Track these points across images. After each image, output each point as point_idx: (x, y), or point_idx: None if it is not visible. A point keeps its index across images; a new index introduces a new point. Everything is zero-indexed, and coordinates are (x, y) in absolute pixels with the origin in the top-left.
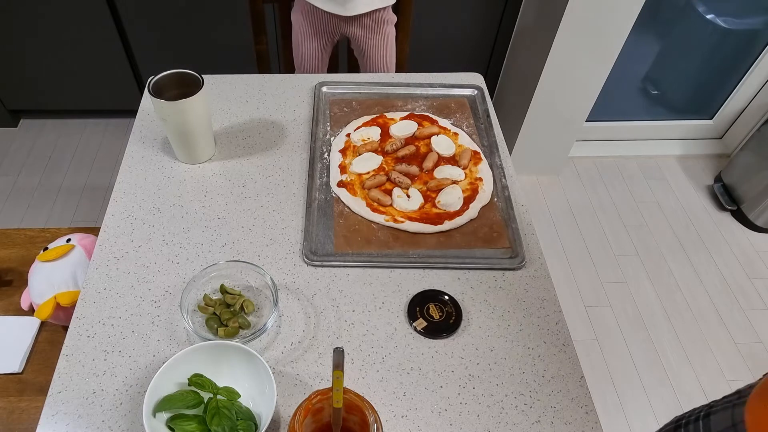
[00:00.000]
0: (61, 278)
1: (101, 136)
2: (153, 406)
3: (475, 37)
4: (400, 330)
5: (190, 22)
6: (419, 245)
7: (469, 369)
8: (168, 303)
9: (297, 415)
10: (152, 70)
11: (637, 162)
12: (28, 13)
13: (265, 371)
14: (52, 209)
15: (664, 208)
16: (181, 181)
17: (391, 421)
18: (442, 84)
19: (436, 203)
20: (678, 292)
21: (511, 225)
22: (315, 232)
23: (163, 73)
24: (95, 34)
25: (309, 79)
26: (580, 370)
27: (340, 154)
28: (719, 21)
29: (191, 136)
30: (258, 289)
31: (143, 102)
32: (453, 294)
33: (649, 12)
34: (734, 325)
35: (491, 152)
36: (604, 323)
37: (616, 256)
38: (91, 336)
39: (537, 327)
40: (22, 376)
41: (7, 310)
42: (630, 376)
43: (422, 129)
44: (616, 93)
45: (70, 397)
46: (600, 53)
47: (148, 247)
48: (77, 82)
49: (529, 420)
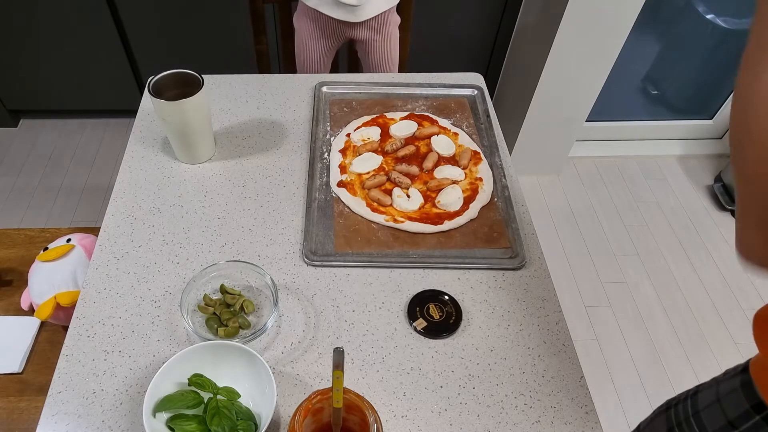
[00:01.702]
0: (61, 278)
1: (101, 136)
2: (153, 406)
3: (475, 37)
4: (400, 330)
5: (190, 22)
6: (419, 245)
7: (469, 369)
8: (168, 303)
9: (297, 415)
10: (152, 70)
11: (637, 162)
12: (28, 13)
13: (265, 371)
14: (52, 209)
15: (664, 208)
16: (181, 181)
17: (391, 421)
18: (442, 84)
19: (436, 203)
20: (678, 292)
21: (511, 225)
22: (315, 232)
23: (163, 73)
24: (95, 34)
25: (309, 79)
26: (580, 370)
27: (340, 154)
28: (719, 21)
29: (191, 136)
30: (258, 289)
31: (143, 102)
32: (453, 294)
33: (649, 12)
34: (734, 324)
35: (491, 152)
36: (604, 323)
37: (616, 256)
38: (91, 336)
39: (537, 327)
40: (22, 376)
41: (7, 310)
42: (630, 376)
43: (422, 129)
44: (616, 93)
45: (70, 397)
46: (600, 53)
47: (148, 247)
48: (77, 82)
49: (529, 420)
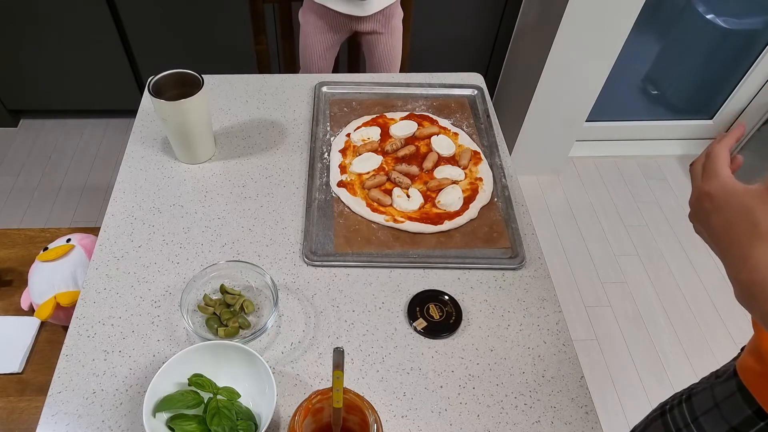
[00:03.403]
0: (61, 278)
1: (101, 136)
2: (153, 406)
3: (475, 37)
4: (400, 330)
5: (190, 22)
6: (419, 245)
7: (469, 369)
8: (168, 303)
9: (297, 415)
10: (152, 70)
11: (637, 162)
12: (29, 13)
13: (265, 371)
14: (52, 209)
15: (664, 208)
16: (181, 181)
17: (391, 421)
18: (442, 84)
19: (436, 203)
20: (678, 292)
21: (511, 225)
22: (315, 232)
23: (163, 73)
24: (95, 34)
25: (309, 79)
26: (580, 370)
27: (340, 154)
28: (719, 21)
29: (191, 136)
30: (258, 289)
31: (143, 102)
32: (453, 294)
33: (649, 12)
34: (734, 325)
35: (491, 152)
36: (604, 323)
37: (616, 256)
38: (91, 336)
39: (537, 327)
40: (22, 376)
41: (7, 310)
42: (630, 376)
43: (422, 129)
44: (616, 93)
45: (70, 397)
46: (600, 53)
47: (148, 247)
48: (77, 82)
49: (529, 420)
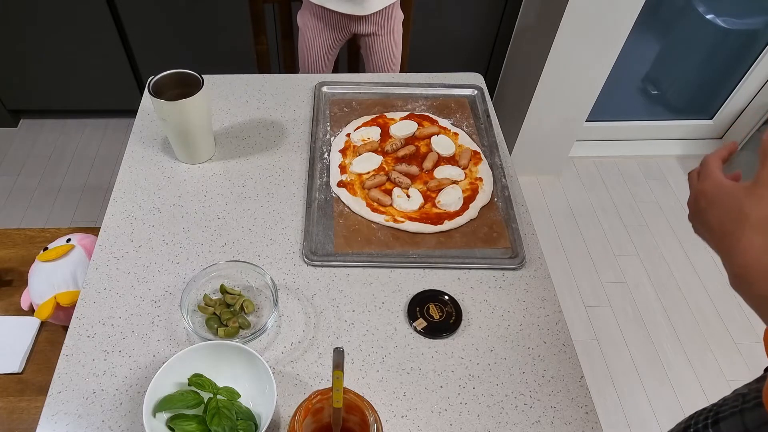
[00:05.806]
0: (61, 278)
1: (101, 136)
2: (153, 406)
3: (475, 37)
4: (400, 330)
5: (190, 22)
6: (419, 245)
7: (469, 369)
8: (168, 303)
9: (297, 415)
10: (152, 70)
11: (637, 162)
12: (29, 13)
13: (265, 371)
14: (52, 209)
15: (664, 208)
16: (181, 181)
17: (391, 421)
18: (442, 84)
19: (436, 203)
20: (678, 292)
21: (511, 225)
22: (315, 232)
23: (163, 73)
24: (95, 34)
25: (309, 79)
26: (580, 370)
27: (340, 154)
28: (719, 21)
29: (191, 136)
30: (258, 289)
31: (143, 102)
32: (453, 294)
33: (649, 12)
34: (734, 325)
35: (491, 152)
36: (604, 323)
37: (616, 256)
38: (91, 336)
39: (537, 327)
40: (22, 376)
41: (7, 310)
42: (630, 376)
43: (422, 129)
44: (616, 93)
45: (70, 397)
46: (600, 53)
47: (148, 247)
48: (77, 82)
49: (529, 420)
